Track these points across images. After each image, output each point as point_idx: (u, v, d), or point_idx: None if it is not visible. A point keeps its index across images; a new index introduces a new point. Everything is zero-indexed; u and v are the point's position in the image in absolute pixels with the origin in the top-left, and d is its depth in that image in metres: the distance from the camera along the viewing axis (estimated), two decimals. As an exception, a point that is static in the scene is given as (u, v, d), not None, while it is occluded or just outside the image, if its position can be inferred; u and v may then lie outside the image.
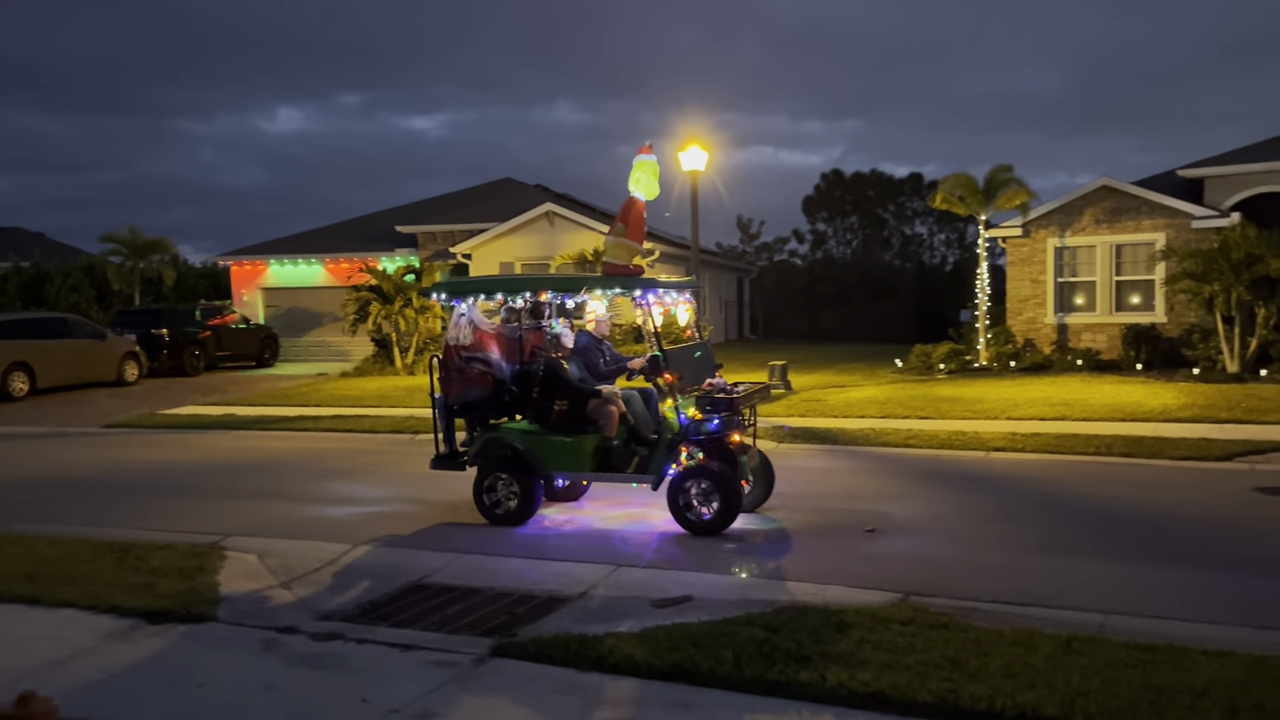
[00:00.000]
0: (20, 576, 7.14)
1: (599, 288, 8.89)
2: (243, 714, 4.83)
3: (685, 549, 8.03)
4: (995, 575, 7.10)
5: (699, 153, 19.40)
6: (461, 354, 9.21)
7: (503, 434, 9.09)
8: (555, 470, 8.92)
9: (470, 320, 9.26)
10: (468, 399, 9.25)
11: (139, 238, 31.40)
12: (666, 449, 8.56)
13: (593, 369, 9.45)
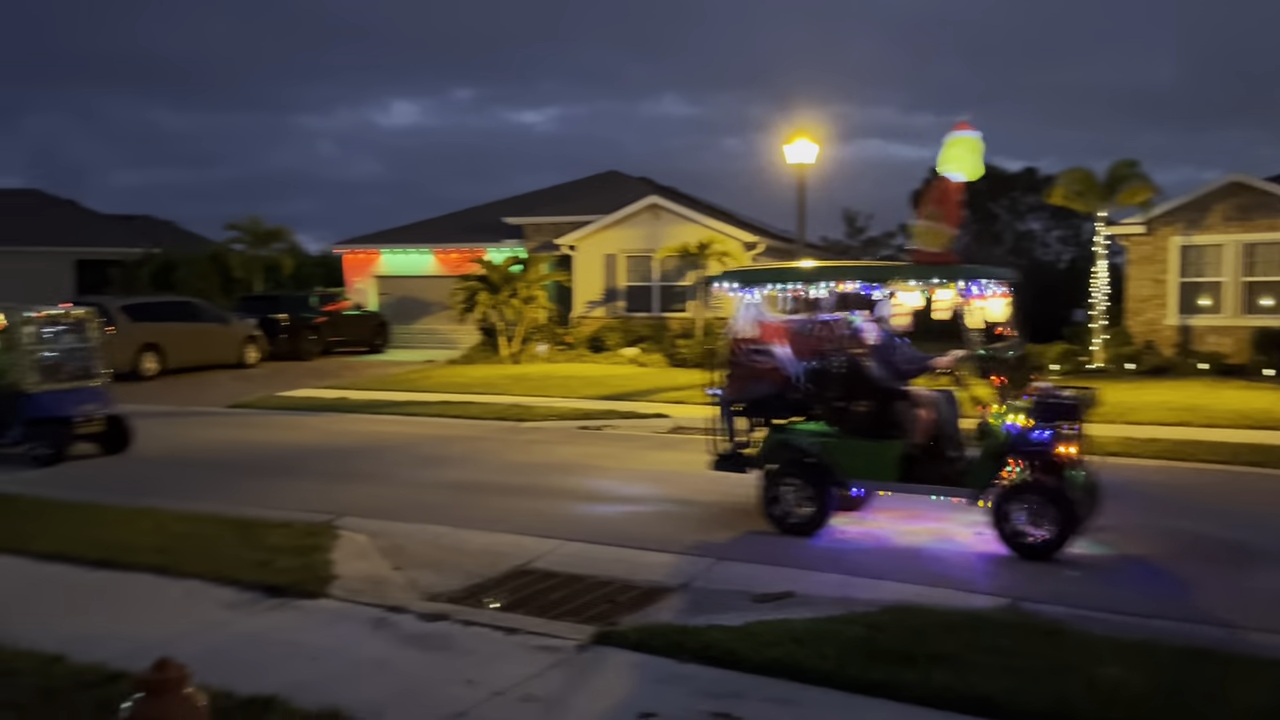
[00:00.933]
0: (151, 549, 7.52)
1: (914, 278, 8.07)
2: (355, 689, 5.00)
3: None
4: (1107, 584, 6.87)
5: (807, 145, 19.20)
6: (747, 348, 8.65)
7: (794, 436, 8.45)
8: (853, 477, 8.18)
9: (757, 312, 8.73)
10: (753, 396, 8.65)
11: (260, 227, 32.66)
12: (991, 460, 7.71)
13: (891, 367, 8.37)
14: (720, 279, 9.01)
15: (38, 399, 11.79)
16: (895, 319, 8.55)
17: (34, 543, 7.71)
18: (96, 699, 4.71)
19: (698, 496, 9.93)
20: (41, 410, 11.76)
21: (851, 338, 8.56)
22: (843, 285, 8.40)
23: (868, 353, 8.36)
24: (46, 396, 11.86)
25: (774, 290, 8.81)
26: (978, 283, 7.87)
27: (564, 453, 12.64)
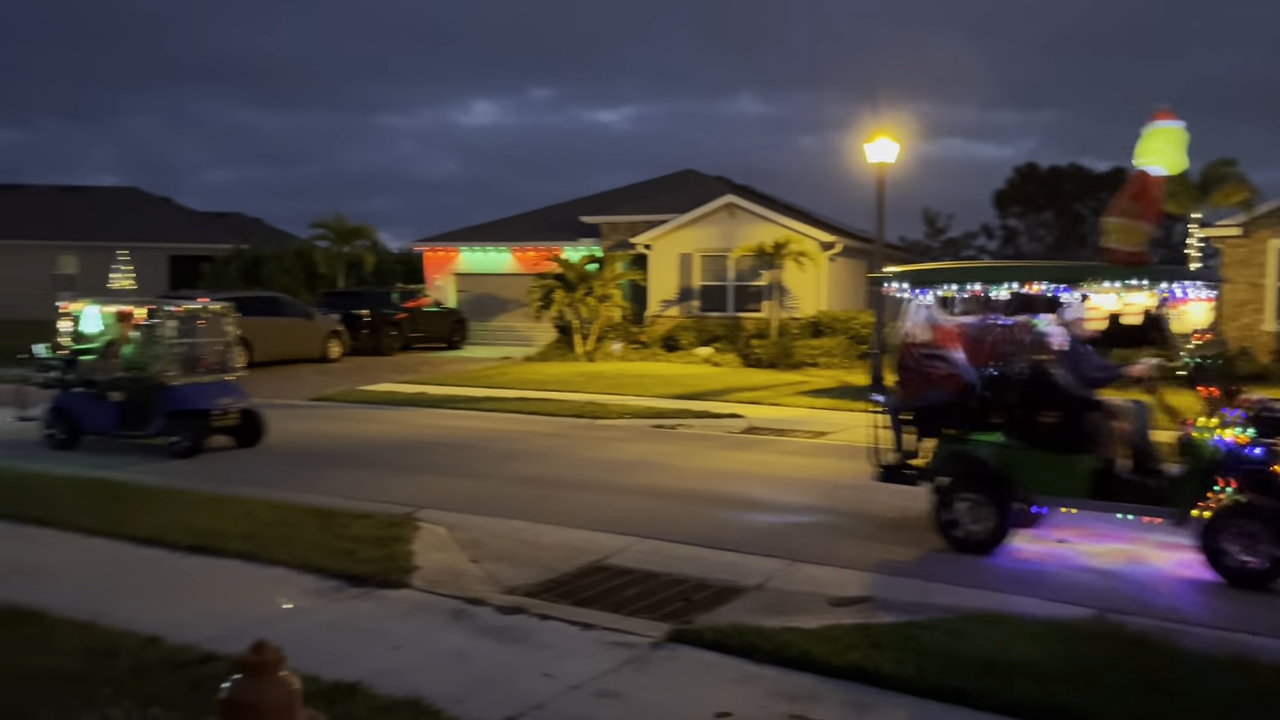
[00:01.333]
0: (240, 536, 7.76)
1: (1111, 279, 7.49)
2: (434, 678, 5.09)
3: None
4: (1215, 598, 6.66)
5: (887, 144, 18.96)
6: (919, 351, 8.23)
7: (971, 446, 7.92)
8: (1037, 492, 7.61)
9: (929, 313, 8.28)
10: (927, 403, 8.20)
11: (344, 224, 33.40)
12: (1197, 478, 7.11)
13: (1079, 375, 7.81)
14: (892, 278, 8.45)
15: (178, 392, 11.97)
16: (1088, 323, 8.00)
17: (132, 527, 8.02)
18: (190, 679, 4.88)
19: (779, 497, 9.89)
20: (181, 403, 11.93)
21: (1036, 343, 7.99)
22: (1032, 287, 7.74)
23: (1054, 359, 7.81)
24: (186, 389, 12.03)
25: (949, 290, 8.24)
26: (1180, 286, 7.35)
27: (638, 450, 12.68)
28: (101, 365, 12.63)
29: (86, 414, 12.42)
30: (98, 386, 12.37)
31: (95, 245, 40.77)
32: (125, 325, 12.73)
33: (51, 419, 12.58)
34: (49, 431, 12.53)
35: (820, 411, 16.45)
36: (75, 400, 12.50)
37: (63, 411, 12.54)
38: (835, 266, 27.71)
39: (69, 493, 9.34)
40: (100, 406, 12.30)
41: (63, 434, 12.47)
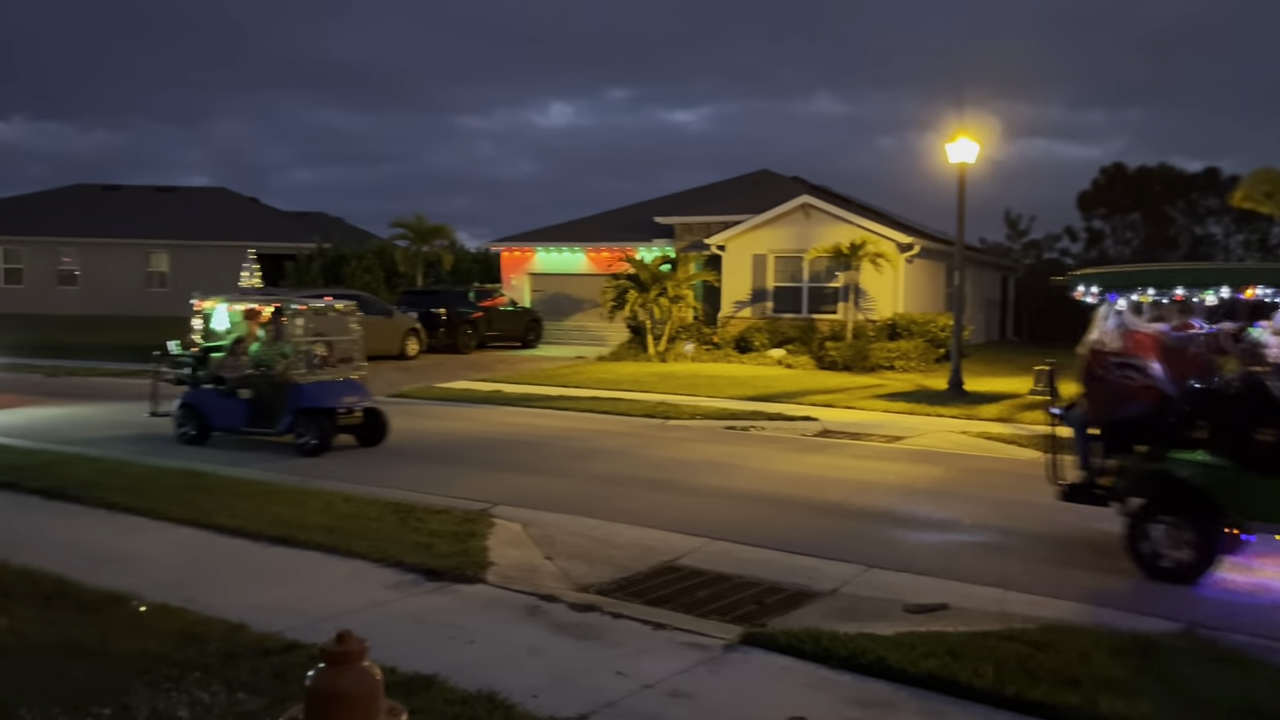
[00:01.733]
0: (321, 528, 7.95)
1: None
2: (509, 673, 5.15)
3: None
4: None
5: (968, 144, 18.62)
6: (1111, 361, 7.62)
7: (1173, 466, 7.22)
8: (1252, 519, 6.90)
9: (1122, 320, 7.69)
10: (1121, 416, 7.55)
11: (423, 224, 33.96)
12: None
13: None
14: (1081, 281, 7.85)
15: (306, 390, 12.05)
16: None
17: (218, 518, 8.27)
18: (274, 666, 5.01)
19: (852, 501, 9.79)
20: (309, 401, 12.00)
21: (1249, 353, 7.35)
22: (1247, 291, 7.06)
23: (1271, 371, 7.16)
24: (314, 387, 12.11)
25: (1146, 295, 7.61)
26: None
27: (710, 451, 12.66)
28: (230, 362, 12.81)
29: (216, 410, 12.58)
30: (227, 383, 12.55)
31: (186, 244, 42.16)
32: (253, 323, 12.87)
33: (182, 415, 12.75)
34: (180, 428, 12.71)
35: (896, 415, 16.23)
36: (205, 397, 12.68)
37: (193, 408, 12.70)
38: (913, 268, 27.29)
39: (156, 482, 9.66)
40: (229, 403, 12.47)
41: (193, 430, 12.63)
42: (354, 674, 2.72)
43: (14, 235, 42.35)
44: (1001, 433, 14.42)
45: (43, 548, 7.35)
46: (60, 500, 9.02)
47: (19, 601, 6.00)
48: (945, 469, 11.70)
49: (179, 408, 12.81)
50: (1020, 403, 17.43)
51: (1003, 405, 17.12)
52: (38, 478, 9.76)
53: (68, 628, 5.55)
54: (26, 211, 44.96)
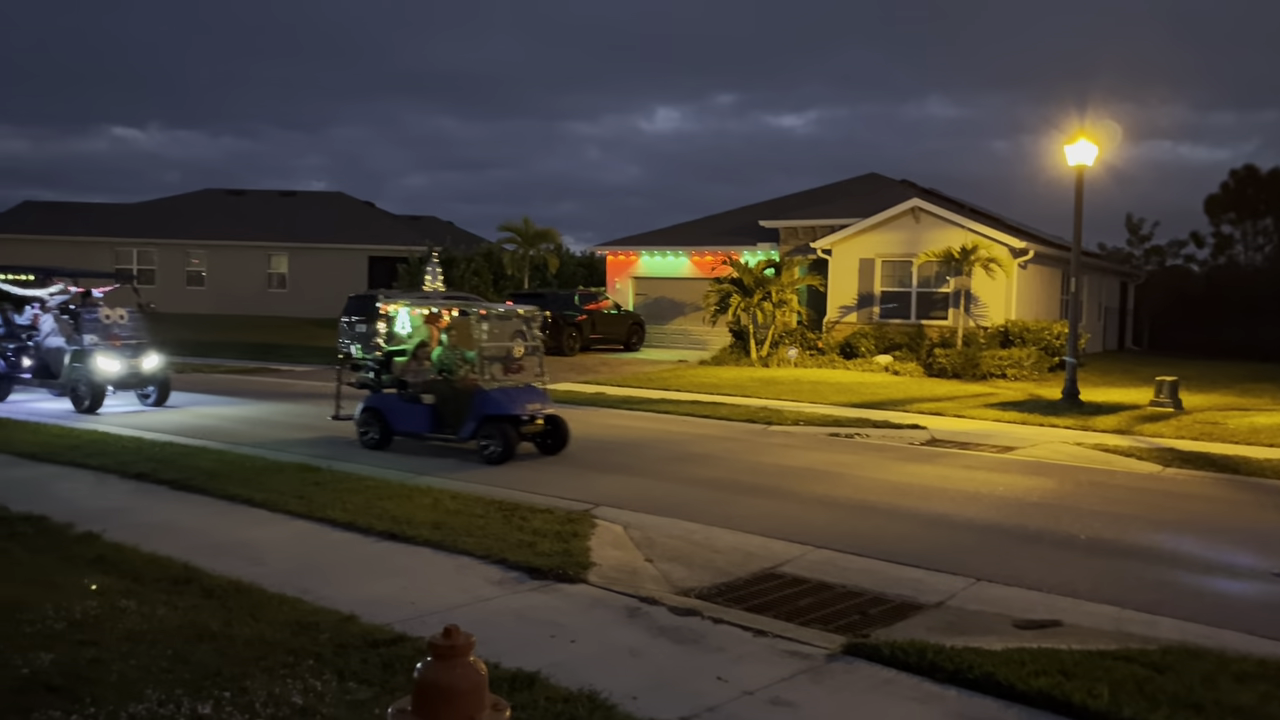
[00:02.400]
0: (428, 524, 8.15)
1: None
2: (609, 673, 5.18)
3: None
4: None
5: (1087, 146, 17.99)
6: None
7: None
8: None
9: None
10: None
11: (530, 228, 34.53)
12: None
13: None
14: None
15: (490, 396, 11.74)
16: None
17: (331, 511, 8.55)
18: (383, 657, 5.16)
19: (961, 512, 9.55)
20: (494, 408, 11.65)
21: None
22: None
23: None
24: (498, 394, 11.80)
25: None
26: None
27: (813, 458, 12.52)
28: (413, 367, 12.64)
29: (399, 415, 12.38)
30: (410, 388, 12.40)
31: (304, 246, 43.77)
32: (434, 327, 12.77)
33: (365, 419, 12.60)
34: (362, 431, 12.57)
35: (1008, 425, 15.77)
36: (388, 401, 12.51)
37: (376, 412, 12.53)
38: (1027, 274, 26.50)
39: (275, 476, 10.05)
40: (412, 408, 12.28)
41: (375, 434, 12.46)
42: (460, 668, 2.78)
43: (147, 238, 44.64)
44: (1119, 445, 13.87)
45: (172, 536, 7.73)
46: (186, 491, 9.46)
47: (149, 586, 6.31)
48: (1059, 481, 11.32)
49: (361, 412, 12.66)
50: (1140, 414, 16.74)
51: (1121, 416, 16.47)
52: (170, 471, 10.29)
53: (192, 612, 5.82)
54: (159, 215, 47.37)
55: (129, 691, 4.67)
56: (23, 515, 8.17)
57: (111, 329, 15.76)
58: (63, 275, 17.18)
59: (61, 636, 5.37)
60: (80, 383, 15.25)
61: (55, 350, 15.88)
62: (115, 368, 15.28)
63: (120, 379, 15.44)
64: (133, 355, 15.61)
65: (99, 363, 15.19)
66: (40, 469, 10.68)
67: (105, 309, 16.00)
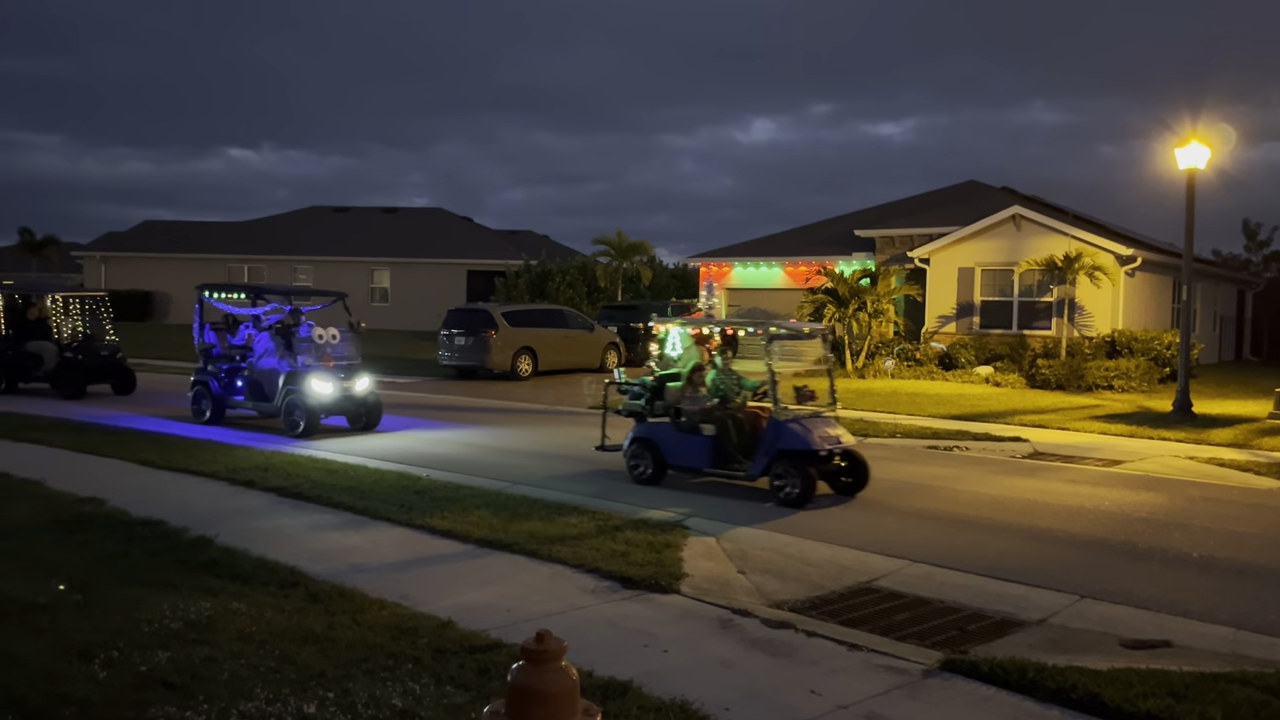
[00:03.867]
0: (523, 532, 8.27)
1: None
2: (702, 684, 5.18)
3: None
4: None
5: (1199, 149, 17.31)
6: None
7: None
8: None
9: None
10: None
11: (624, 241, 34.77)
12: None
13: None
14: None
15: (786, 428, 10.17)
16: None
17: (430, 519, 8.75)
18: (479, 663, 5.26)
19: (1065, 528, 9.27)
20: (791, 441, 10.08)
21: None
22: None
23: None
24: (795, 425, 10.20)
25: None
26: None
27: (911, 471, 12.29)
28: (689, 394, 11.18)
29: (674, 447, 10.98)
30: (687, 417, 10.96)
31: (405, 261, 44.92)
32: (704, 348, 11.50)
33: (636, 451, 11.21)
34: (633, 465, 11.25)
35: (1115, 438, 15.24)
36: (661, 431, 11.12)
37: (648, 444, 11.15)
38: (1134, 282, 25.58)
39: (376, 485, 10.31)
40: (689, 440, 10.83)
41: (647, 468, 11.13)
42: (552, 672, 2.84)
43: (258, 254, 46.42)
44: (1235, 459, 13.27)
45: (278, 541, 8.02)
46: (293, 499, 9.78)
47: (258, 589, 6.57)
48: (1169, 497, 10.89)
49: (631, 443, 11.32)
50: (1258, 427, 15.98)
51: (1237, 430, 15.75)
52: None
53: (298, 615, 6.03)
54: (268, 233, 49.22)
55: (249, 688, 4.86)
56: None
57: (325, 349, 14.90)
58: (275, 293, 16.46)
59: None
60: (295, 406, 14.45)
61: (269, 372, 15.22)
62: (330, 390, 14.51)
63: (334, 402, 14.65)
64: (346, 377, 14.83)
65: (314, 385, 14.42)
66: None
67: (319, 328, 15.10)
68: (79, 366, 19.14)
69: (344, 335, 15.30)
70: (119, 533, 8.12)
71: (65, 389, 18.98)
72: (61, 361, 19.12)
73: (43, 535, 8.05)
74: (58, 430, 14.18)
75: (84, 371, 19.18)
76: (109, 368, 19.56)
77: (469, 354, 24.31)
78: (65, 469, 11.13)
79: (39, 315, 20.23)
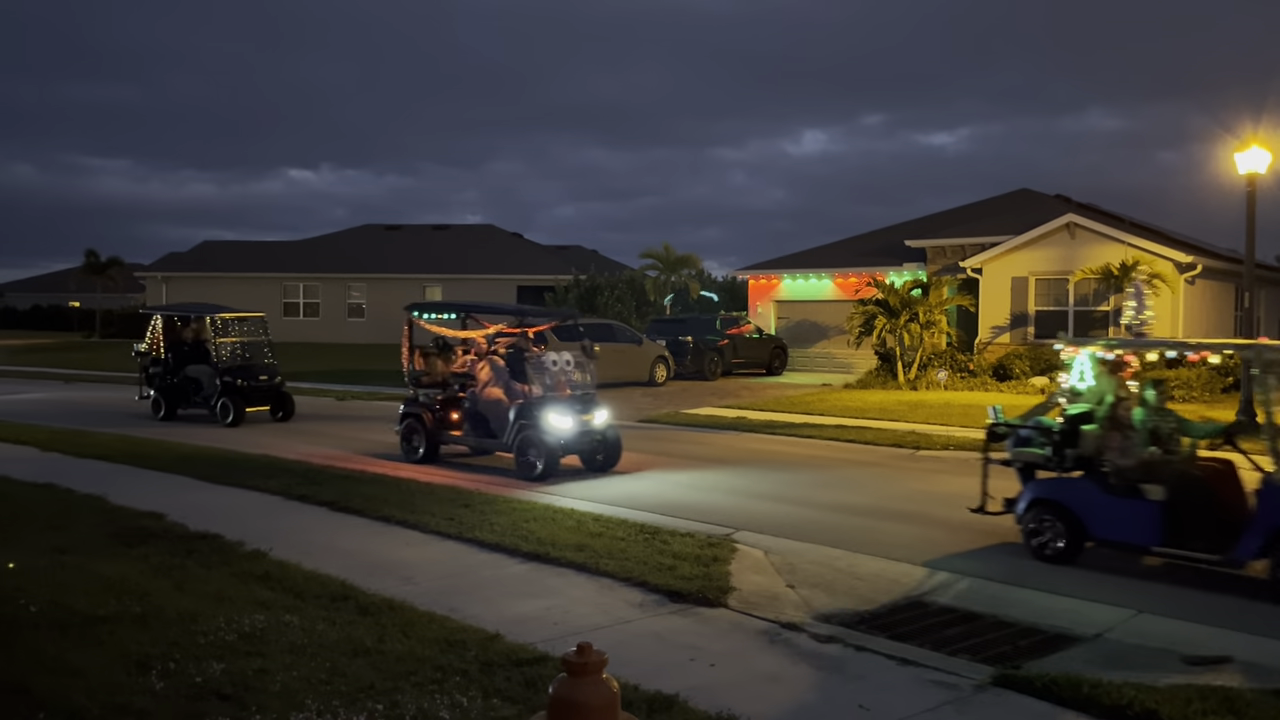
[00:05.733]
0: (571, 546, 8.30)
1: None
2: (749, 698, 5.16)
3: None
4: None
5: (1260, 153, 16.93)
6: None
7: None
8: None
9: None
10: None
11: (672, 254, 34.87)
12: None
13: None
14: None
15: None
16: None
17: (479, 533, 8.82)
18: (526, 676, 5.29)
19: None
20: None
21: None
22: None
23: None
24: None
25: None
26: None
27: (963, 484, 12.10)
28: (1117, 441, 8.42)
29: (1099, 514, 8.18)
30: (1118, 473, 8.25)
31: (456, 277, 45.42)
32: (1119, 378, 8.91)
33: (1039, 518, 8.49)
34: (1035, 535, 8.49)
35: (1175, 449, 14.87)
36: (1078, 492, 8.41)
37: (1058, 508, 8.39)
38: (1194, 290, 25.02)
39: (426, 498, 10.42)
40: (1124, 506, 8.06)
41: (1058, 540, 8.34)
42: (592, 685, 2.86)
43: (313, 272, 47.28)
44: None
45: (329, 555, 8.13)
46: (344, 513, 9.91)
47: (309, 602, 6.66)
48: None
49: (1030, 505, 8.58)
50: (1327, 438, 15.48)
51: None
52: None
53: (348, 627, 6.11)
54: (322, 251, 50.12)
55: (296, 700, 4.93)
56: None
57: (559, 376, 12.88)
58: (504, 313, 15.01)
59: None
60: (531, 444, 12.24)
61: (495, 403, 13.19)
62: (570, 425, 12.35)
63: (574, 439, 12.48)
64: (585, 409, 12.69)
65: (552, 419, 12.23)
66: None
67: (552, 353, 13.39)
68: (240, 391, 18.25)
69: (578, 360, 13.21)
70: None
71: (225, 416, 18.01)
72: (222, 386, 18.29)
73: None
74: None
75: (245, 396, 18.26)
76: (269, 392, 18.72)
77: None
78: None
79: (195, 337, 19.67)
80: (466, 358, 14.25)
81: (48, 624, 6.06)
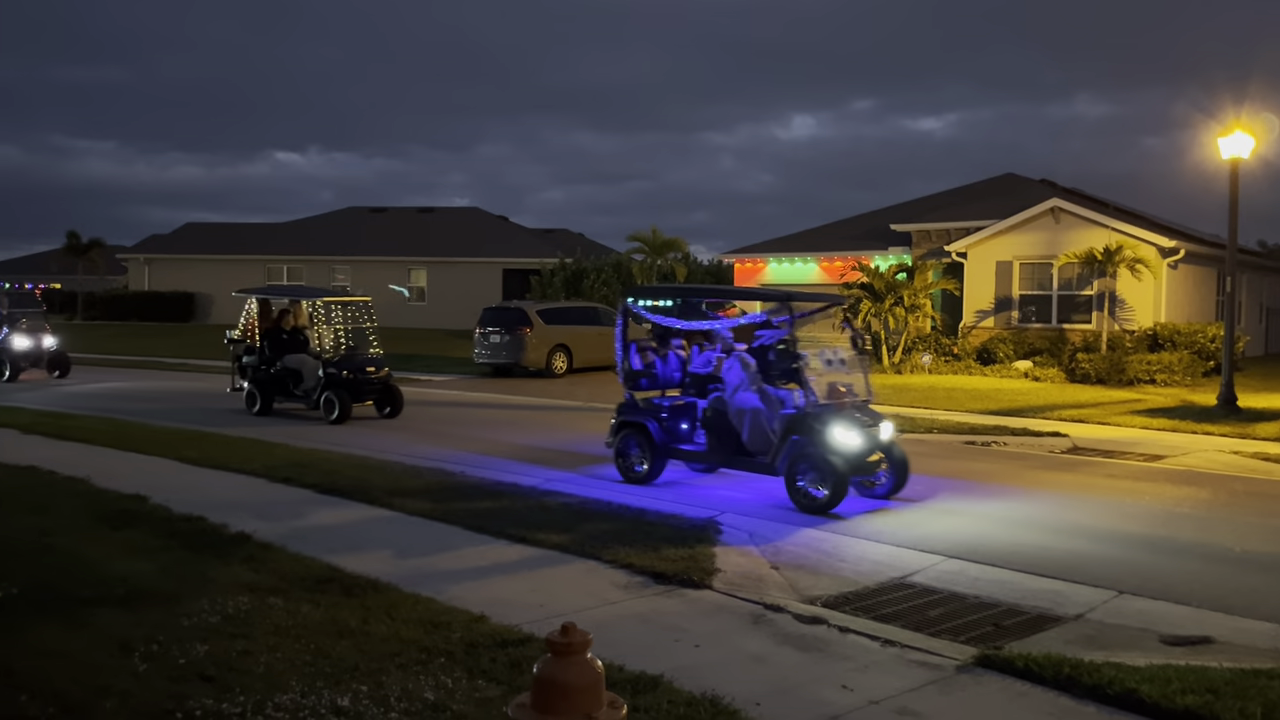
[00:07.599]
0: (557, 529, 8.30)
1: None
2: (733, 679, 5.17)
3: None
4: None
5: (1243, 138, 16.99)
6: None
7: None
8: None
9: None
10: None
11: (659, 238, 34.76)
12: None
13: None
14: None
15: None
16: None
17: (463, 514, 8.81)
18: (511, 657, 5.29)
19: (1102, 524, 9.14)
20: None
21: None
22: None
23: None
24: None
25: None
26: None
27: (947, 467, 12.19)
28: None
29: None
30: None
31: (442, 260, 45.26)
32: None
33: None
34: None
35: (1156, 433, 15.02)
36: None
37: None
38: (1177, 275, 25.17)
39: (412, 481, 10.39)
40: None
41: None
42: (576, 665, 2.86)
43: (296, 254, 47.00)
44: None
45: (314, 536, 8.11)
46: (331, 495, 9.88)
47: (295, 584, 6.65)
48: (1212, 491, 10.70)
49: None
50: (1306, 421, 15.64)
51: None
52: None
53: (333, 609, 6.10)
54: (306, 234, 49.80)
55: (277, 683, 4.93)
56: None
57: (835, 381, 10.43)
58: (770, 299, 12.25)
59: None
60: (811, 465, 9.49)
61: (753, 412, 10.51)
62: (858, 442, 9.60)
63: (863, 458, 9.72)
64: (871, 421, 9.98)
65: (837, 434, 9.52)
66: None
67: (826, 348, 11.00)
68: (346, 385, 15.81)
69: (852, 359, 10.92)
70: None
71: (330, 412, 15.60)
72: (326, 379, 15.86)
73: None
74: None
75: (352, 390, 15.84)
76: (377, 386, 16.29)
77: (504, 352, 24.44)
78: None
79: (294, 324, 17.28)
80: (716, 357, 12.00)
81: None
